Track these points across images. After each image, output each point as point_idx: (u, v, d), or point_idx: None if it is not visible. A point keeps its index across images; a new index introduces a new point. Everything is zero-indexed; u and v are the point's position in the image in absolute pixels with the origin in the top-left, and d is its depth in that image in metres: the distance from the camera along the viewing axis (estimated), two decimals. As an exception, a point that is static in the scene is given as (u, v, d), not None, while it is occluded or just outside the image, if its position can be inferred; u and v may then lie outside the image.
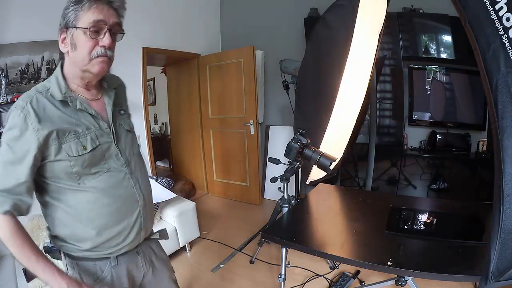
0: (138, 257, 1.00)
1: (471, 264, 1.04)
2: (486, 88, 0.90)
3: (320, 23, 1.91)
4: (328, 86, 1.84)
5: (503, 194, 0.88)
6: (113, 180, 0.87)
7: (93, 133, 0.84)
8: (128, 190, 0.90)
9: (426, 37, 2.69)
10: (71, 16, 0.78)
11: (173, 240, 2.31)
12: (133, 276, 1.00)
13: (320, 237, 1.46)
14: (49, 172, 0.80)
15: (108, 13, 0.79)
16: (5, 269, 1.76)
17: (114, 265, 0.92)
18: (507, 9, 0.83)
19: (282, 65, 2.70)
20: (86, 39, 0.78)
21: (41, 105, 0.78)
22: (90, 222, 0.85)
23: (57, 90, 0.81)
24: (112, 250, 0.90)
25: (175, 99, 4.28)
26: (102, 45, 0.80)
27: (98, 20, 0.77)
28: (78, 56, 0.80)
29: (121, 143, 0.91)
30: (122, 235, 0.90)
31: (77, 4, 0.77)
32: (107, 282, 0.92)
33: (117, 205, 0.87)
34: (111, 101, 0.92)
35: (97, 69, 0.82)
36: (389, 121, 2.94)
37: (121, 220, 0.89)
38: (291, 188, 2.24)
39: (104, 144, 0.86)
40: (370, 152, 2.56)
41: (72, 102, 0.82)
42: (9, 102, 2.04)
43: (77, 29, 0.78)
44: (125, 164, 0.90)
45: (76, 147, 0.80)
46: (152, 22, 3.04)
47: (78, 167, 0.81)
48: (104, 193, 0.85)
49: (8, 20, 2.04)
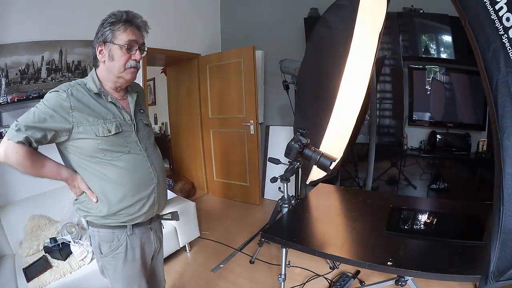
0: (150, 232, 1.19)
1: (471, 264, 1.04)
2: (486, 88, 0.90)
3: (320, 23, 1.90)
4: (328, 86, 1.84)
5: (503, 194, 0.88)
6: (133, 160, 1.07)
7: (118, 122, 1.05)
8: (145, 169, 1.10)
9: (426, 37, 2.68)
10: (108, 34, 1.00)
11: (173, 240, 2.31)
12: (145, 251, 1.18)
13: (320, 237, 1.46)
14: (82, 148, 1.00)
15: (138, 34, 1.05)
16: (5, 269, 1.76)
17: (129, 234, 1.10)
18: (507, 9, 0.83)
19: (282, 65, 2.69)
20: (122, 53, 1.01)
21: (80, 92, 1.00)
22: (114, 190, 1.04)
23: (93, 85, 1.03)
24: (129, 218, 1.08)
25: (175, 99, 4.28)
26: (134, 59, 1.04)
27: (132, 40, 1.02)
28: (115, 66, 1.03)
29: (140, 133, 1.12)
30: (138, 204, 1.08)
31: (113, 25, 0.99)
32: (122, 250, 1.10)
33: (136, 179, 1.06)
34: (133, 100, 1.14)
35: (129, 77, 1.06)
36: (389, 121, 2.94)
37: (139, 191, 1.07)
38: (291, 188, 2.23)
39: (126, 131, 1.07)
40: (370, 152, 2.56)
41: (105, 96, 1.05)
42: (9, 102, 2.04)
43: (114, 45, 1.00)
44: (142, 150, 1.10)
45: (102, 130, 1.00)
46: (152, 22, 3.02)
47: (104, 145, 1.00)
48: (126, 169, 1.04)
49: (8, 20, 2.04)
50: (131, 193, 1.05)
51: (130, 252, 1.11)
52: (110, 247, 1.09)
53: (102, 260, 1.12)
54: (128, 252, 1.11)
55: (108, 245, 1.09)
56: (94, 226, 1.09)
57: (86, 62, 2.43)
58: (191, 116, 3.97)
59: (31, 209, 2.04)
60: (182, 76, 3.99)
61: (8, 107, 2.05)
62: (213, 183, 3.97)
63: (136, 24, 1.03)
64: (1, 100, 2.02)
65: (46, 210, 2.09)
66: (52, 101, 0.95)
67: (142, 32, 1.07)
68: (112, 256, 1.10)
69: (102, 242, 1.09)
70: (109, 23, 0.99)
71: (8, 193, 2.07)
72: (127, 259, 1.12)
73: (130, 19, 1.01)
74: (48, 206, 2.12)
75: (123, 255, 1.10)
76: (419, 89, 2.75)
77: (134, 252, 1.13)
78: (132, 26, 1.02)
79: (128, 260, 1.12)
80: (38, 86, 2.18)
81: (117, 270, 1.12)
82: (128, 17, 1.01)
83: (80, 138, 0.98)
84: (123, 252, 1.10)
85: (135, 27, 1.03)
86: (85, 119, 0.98)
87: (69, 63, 2.35)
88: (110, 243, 1.09)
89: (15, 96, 2.06)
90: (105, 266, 1.14)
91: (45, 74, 2.22)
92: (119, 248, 1.09)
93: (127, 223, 1.09)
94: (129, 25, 1.01)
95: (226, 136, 3.69)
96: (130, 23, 1.01)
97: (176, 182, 3.78)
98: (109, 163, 1.02)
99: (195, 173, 4.13)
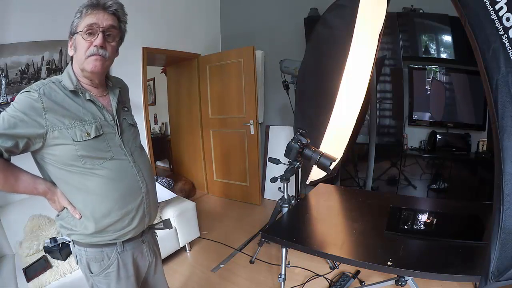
0: (143, 245, 1.08)
1: (471, 264, 1.04)
2: (486, 88, 0.90)
3: (320, 23, 1.90)
4: (328, 86, 1.84)
5: (503, 194, 0.88)
6: (117, 167, 0.94)
7: (98, 123, 0.92)
8: (132, 177, 0.97)
9: (426, 37, 2.68)
10: (75, 24, 0.90)
11: (173, 240, 2.31)
12: (138, 265, 1.07)
13: (320, 237, 1.46)
14: (59, 156, 0.88)
15: (103, 17, 0.89)
16: (5, 269, 1.76)
17: (120, 251, 0.99)
18: (507, 9, 0.83)
19: (282, 65, 2.70)
20: (83, 41, 0.89)
21: (53, 91, 0.88)
22: (98, 203, 0.92)
23: (69, 82, 0.91)
24: (118, 235, 0.96)
25: (175, 99, 4.28)
26: (94, 44, 0.89)
27: (91, 23, 0.88)
28: (78, 57, 0.91)
29: (125, 135, 1.00)
30: (127, 219, 0.97)
31: (78, 13, 0.89)
32: (113, 269, 0.99)
33: (121, 189, 0.94)
34: (115, 97, 1.01)
35: (90, 67, 0.91)
36: (389, 121, 2.94)
37: (125, 203, 0.95)
38: (291, 188, 2.24)
39: (108, 134, 0.94)
40: (370, 152, 2.56)
41: (82, 93, 0.92)
42: (9, 102, 2.04)
43: (77, 34, 0.89)
44: (128, 154, 0.98)
45: (80, 133, 0.88)
46: (152, 22, 3.04)
47: (82, 151, 0.88)
48: (109, 178, 0.92)
49: (8, 20, 2.04)
50: (117, 206, 0.93)
51: (122, 270, 1.01)
52: (101, 266, 0.98)
53: (93, 279, 1.01)
54: (121, 270, 1.00)
55: (98, 264, 0.98)
56: (80, 245, 0.97)
57: (86, 62, 2.43)
58: (191, 116, 3.97)
59: (31, 209, 2.04)
60: (182, 76, 3.99)
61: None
62: (213, 183, 3.97)
63: (101, 5, 0.89)
64: (1, 100, 2.02)
65: (46, 210, 2.09)
66: (22, 103, 0.83)
67: (115, 15, 0.92)
68: (104, 275, 0.99)
69: (91, 261, 0.98)
70: (76, 13, 0.89)
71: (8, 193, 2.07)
72: (120, 277, 1.01)
73: (96, 3, 0.88)
74: (48, 206, 2.07)
75: (116, 274, 1.00)
76: (419, 89, 2.75)
77: (127, 269, 1.02)
78: (98, 8, 0.88)
79: (121, 278, 1.01)
80: (38, 86, 2.18)
81: None
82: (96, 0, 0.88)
83: (56, 144, 0.86)
84: (115, 270, 0.99)
85: (101, 8, 0.89)
86: (60, 122, 0.85)
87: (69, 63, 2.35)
88: (100, 262, 0.98)
89: (15, 96, 2.06)
90: (96, 285, 1.02)
91: (45, 74, 2.22)
92: (110, 267, 0.99)
93: (117, 240, 0.97)
94: (94, 9, 0.88)
95: (226, 136, 3.68)
96: (95, 7, 0.88)
97: (176, 182, 3.78)
98: (90, 172, 0.89)
99: (195, 173, 4.13)
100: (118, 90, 1.04)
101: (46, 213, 2.09)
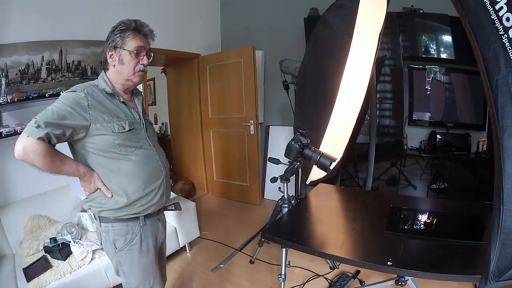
0: (159, 223, 1.29)
1: (471, 264, 1.05)
2: (486, 88, 0.90)
3: (320, 23, 1.90)
4: (328, 86, 1.84)
5: (503, 194, 0.88)
6: (145, 154, 1.16)
7: (129, 120, 1.14)
8: (155, 163, 1.19)
9: (426, 37, 2.68)
10: (119, 40, 1.09)
11: (173, 240, 2.31)
12: (158, 241, 1.27)
13: (320, 237, 1.46)
14: (99, 144, 1.06)
15: (145, 41, 1.15)
16: (5, 269, 1.76)
17: (142, 225, 1.18)
18: (507, 9, 0.83)
19: (282, 65, 2.70)
20: (131, 58, 1.12)
21: (95, 92, 1.09)
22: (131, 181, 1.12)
23: (106, 87, 1.12)
24: (142, 208, 1.16)
25: (175, 99, 4.28)
26: (142, 63, 1.15)
27: (140, 46, 1.12)
28: (124, 69, 1.13)
29: (148, 131, 1.23)
30: (151, 195, 1.17)
31: (122, 32, 1.09)
32: (137, 241, 1.17)
33: (148, 171, 1.16)
34: (140, 102, 1.26)
35: (137, 79, 1.17)
36: (389, 121, 2.94)
37: (151, 182, 1.16)
38: (291, 188, 2.24)
39: (137, 129, 1.16)
40: (370, 152, 2.56)
41: (117, 96, 1.14)
42: (9, 102, 2.04)
43: (124, 50, 1.10)
44: (151, 145, 1.20)
45: (118, 127, 1.09)
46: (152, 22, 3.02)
47: (119, 140, 1.09)
48: (139, 162, 1.13)
49: (8, 20, 2.04)
50: (145, 184, 1.14)
51: (144, 243, 1.18)
52: (125, 240, 1.15)
53: (117, 255, 1.17)
54: (143, 242, 1.18)
55: (123, 238, 1.15)
56: (107, 221, 1.14)
57: (86, 62, 2.43)
58: (191, 116, 3.97)
59: (31, 209, 2.05)
60: (182, 76, 3.99)
61: (8, 107, 2.05)
62: (213, 183, 3.97)
63: (143, 32, 1.13)
64: (1, 100, 2.02)
65: (46, 210, 2.10)
66: (70, 100, 1.01)
67: (149, 40, 1.17)
68: (128, 249, 1.16)
69: (116, 237, 1.14)
70: (119, 31, 1.09)
71: (8, 193, 2.07)
72: (142, 250, 1.18)
73: (138, 27, 1.12)
74: (48, 206, 2.12)
75: (138, 246, 1.17)
76: (419, 89, 2.75)
77: (148, 242, 1.20)
78: (140, 33, 1.12)
79: (143, 251, 1.19)
80: (38, 86, 2.18)
81: (133, 262, 1.18)
82: (136, 25, 1.11)
83: (98, 135, 1.05)
84: (138, 243, 1.17)
85: (143, 34, 1.13)
86: (101, 117, 1.05)
87: (69, 63, 2.35)
88: (125, 236, 1.15)
89: (15, 96, 2.06)
90: (119, 262, 1.18)
91: (45, 74, 2.22)
92: (134, 239, 1.16)
93: (140, 214, 1.16)
94: (138, 33, 1.11)
95: (226, 136, 3.68)
96: (139, 31, 1.12)
97: (176, 182, 3.78)
98: (124, 158, 1.10)
99: (195, 173, 4.13)
100: (141, 97, 1.28)
101: (46, 213, 2.09)
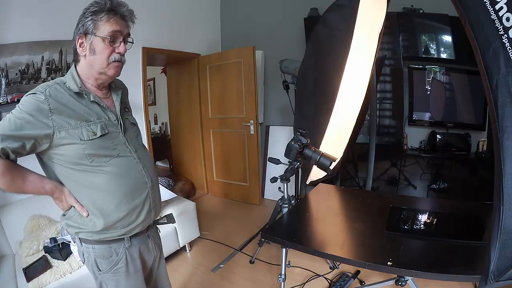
0: (148, 240, 1.11)
1: (471, 264, 1.04)
2: (486, 88, 0.90)
3: (320, 23, 1.90)
4: (328, 86, 1.84)
5: (503, 194, 0.88)
6: (124, 163, 0.97)
7: (103, 122, 0.95)
8: (137, 173, 1.00)
9: (426, 37, 2.68)
10: (90, 24, 0.89)
11: (173, 240, 2.31)
12: (145, 259, 1.10)
13: (320, 237, 1.46)
14: (66, 155, 0.90)
15: (123, 24, 0.93)
16: (5, 269, 1.76)
17: (128, 246, 1.02)
18: (507, 9, 0.83)
19: (282, 65, 2.70)
20: (105, 46, 0.91)
21: (59, 92, 0.90)
22: (106, 199, 0.94)
23: (73, 84, 0.92)
24: (126, 230, 0.99)
25: (175, 99, 4.28)
26: (118, 52, 0.93)
27: (115, 30, 0.91)
28: (96, 60, 0.92)
29: (128, 133, 1.03)
30: (134, 213, 0.99)
31: (95, 14, 0.88)
32: (122, 264, 1.01)
33: (128, 185, 0.97)
34: (118, 98, 1.04)
35: (112, 72, 0.96)
36: (389, 121, 2.94)
37: (132, 198, 0.98)
38: (291, 188, 2.24)
39: (113, 133, 0.97)
40: (370, 152, 2.56)
41: (86, 95, 0.94)
42: (9, 102, 2.04)
43: (96, 37, 0.90)
44: (132, 151, 1.01)
45: (87, 133, 0.90)
46: (152, 22, 3.04)
47: (90, 149, 0.90)
48: (116, 174, 0.95)
49: (8, 20, 2.04)
50: (124, 200, 0.96)
51: (131, 265, 1.03)
52: (109, 262, 1.00)
53: (101, 276, 1.02)
54: (129, 265, 1.03)
55: (107, 261, 0.99)
56: (88, 242, 0.98)
57: (86, 62, 2.43)
58: (191, 116, 3.97)
59: (31, 209, 2.04)
60: (182, 76, 3.99)
61: (8, 107, 2.05)
62: (213, 183, 3.97)
63: (121, 13, 0.92)
64: (1, 100, 2.02)
65: (46, 210, 2.09)
66: (28, 105, 0.84)
67: (128, 22, 0.95)
68: (113, 272, 1.01)
69: (98, 258, 0.99)
70: (91, 12, 0.88)
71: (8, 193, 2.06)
72: (129, 272, 1.03)
73: (114, 8, 0.90)
74: (48, 206, 2.11)
75: (125, 269, 1.02)
76: (419, 89, 2.75)
77: (135, 264, 1.05)
78: (117, 15, 0.91)
79: (130, 273, 1.04)
80: (38, 86, 2.19)
81: (121, 285, 1.03)
82: (112, 5, 0.89)
83: (64, 144, 0.88)
84: (124, 266, 1.02)
85: (120, 16, 0.92)
86: (66, 122, 0.87)
87: (69, 63, 2.35)
88: (108, 258, 0.99)
89: (15, 96, 2.06)
90: (105, 282, 1.03)
91: (45, 74, 2.22)
92: (119, 262, 1.01)
93: (124, 236, 1.00)
94: (113, 14, 0.90)
95: (226, 136, 3.68)
96: (115, 12, 0.90)
97: (176, 182, 3.78)
98: (97, 170, 0.92)
99: (195, 173, 4.13)
100: (120, 91, 1.07)
101: (46, 213, 2.09)
